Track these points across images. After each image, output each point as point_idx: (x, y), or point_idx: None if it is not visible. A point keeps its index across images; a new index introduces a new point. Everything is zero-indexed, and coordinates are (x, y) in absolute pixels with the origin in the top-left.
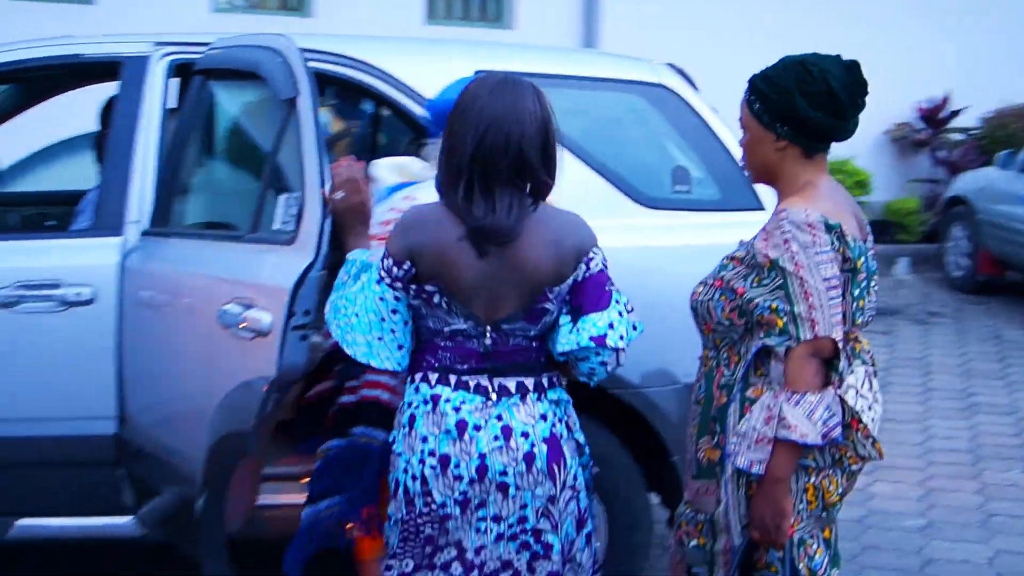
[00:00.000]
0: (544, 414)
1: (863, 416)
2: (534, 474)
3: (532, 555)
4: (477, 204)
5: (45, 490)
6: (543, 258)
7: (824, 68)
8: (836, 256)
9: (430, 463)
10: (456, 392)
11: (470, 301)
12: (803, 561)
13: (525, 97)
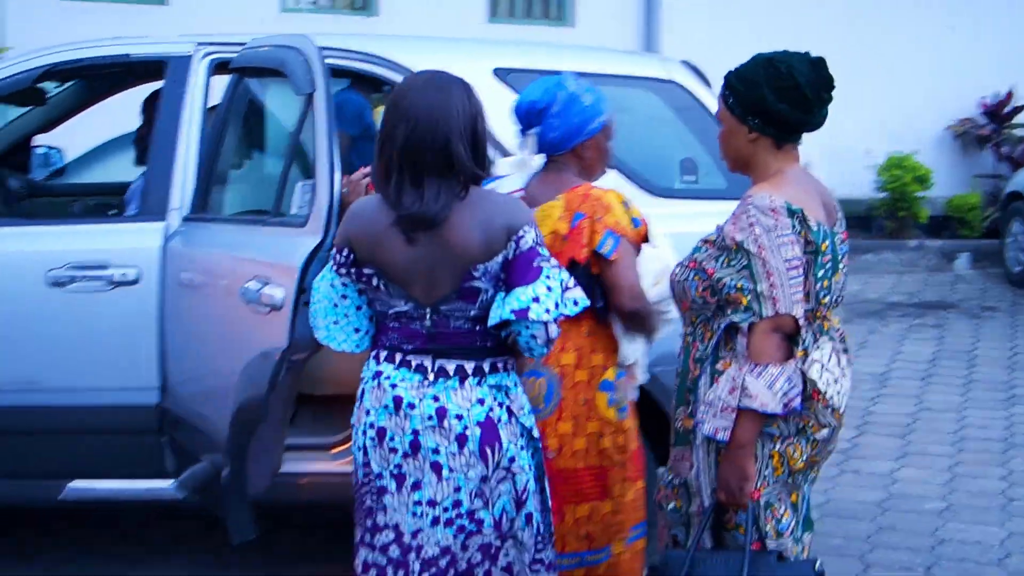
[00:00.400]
0: (482, 398)
1: (824, 388)
2: (466, 455)
3: (467, 534)
4: (407, 194)
5: (94, 455)
6: (471, 239)
7: (791, 64)
8: (798, 239)
9: (370, 435)
10: (397, 370)
11: (407, 284)
12: (770, 523)
13: (453, 93)
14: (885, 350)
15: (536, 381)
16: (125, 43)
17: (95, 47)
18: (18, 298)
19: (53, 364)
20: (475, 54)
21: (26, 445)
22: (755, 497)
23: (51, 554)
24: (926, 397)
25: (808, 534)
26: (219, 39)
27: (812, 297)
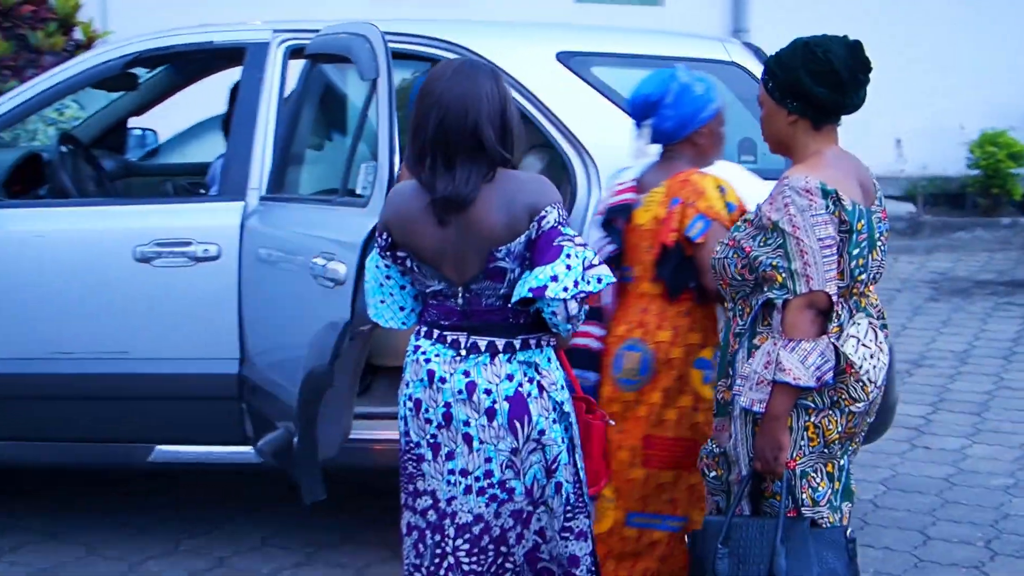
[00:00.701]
0: (511, 374)
1: (860, 362)
2: (495, 428)
3: (499, 503)
4: (440, 177)
5: (179, 421)
6: (495, 219)
7: (828, 48)
8: (832, 219)
9: (408, 406)
10: (433, 345)
11: (439, 264)
12: (806, 492)
13: (483, 81)
14: (969, 328)
15: (632, 354)
16: (208, 31)
17: (180, 35)
18: (108, 272)
19: (141, 335)
20: (538, 38)
21: (117, 411)
22: (791, 467)
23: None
24: (1005, 376)
25: (847, 504)
26: (295, 26)
27: (847, 275)
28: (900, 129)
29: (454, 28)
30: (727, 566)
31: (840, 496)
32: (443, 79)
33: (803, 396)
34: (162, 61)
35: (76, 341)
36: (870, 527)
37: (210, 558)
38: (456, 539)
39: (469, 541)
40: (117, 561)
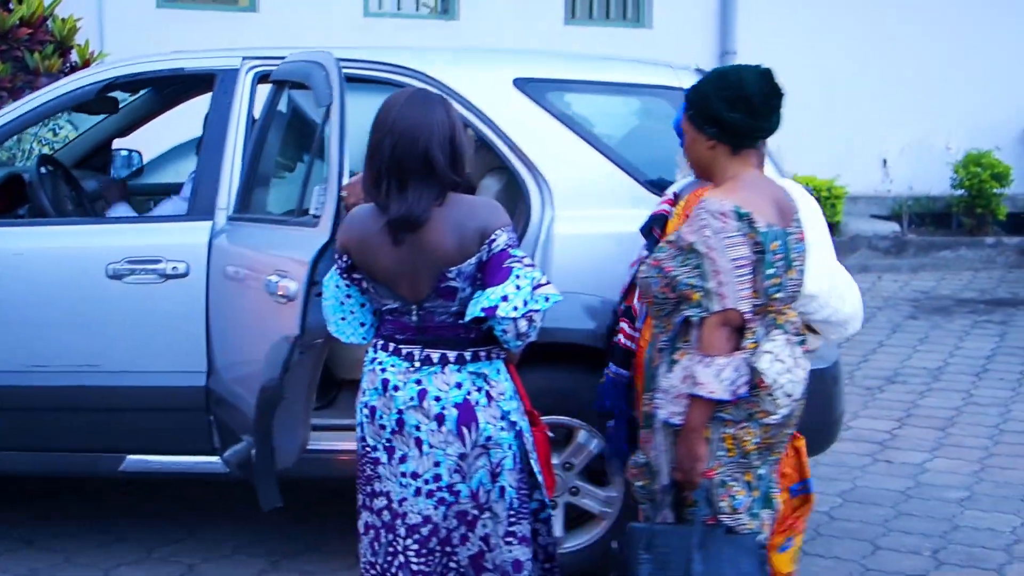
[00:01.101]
0: (460, 383)
1: (774, 377)
2: (443, 433)
3: (447, 505)
4: (394, 199)
5: (149, 432)
6: (447, 241)
7: (740, 76)
8: (745, 240)
9: (364, 412)
10: (389, 357)
11: (394, 284)
12: (725, 500)
13: (433, 109)
14: (945, 346)
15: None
16: (179, 58)
17: (153, 62)
18: (81, 288)
19: (112, 348)
20: (495, 64)
21: (89, 421)
22: (710, 476)
23: (122, 522)
24: (975, 392)
25: (767, 511)
26: (263, 53)
27: (762, 293)
28: (886, 149)
29: (414, 55)
30: (648, 571)
31: (760, 503)
32: (396, 108)
33: (720, 409)
34: (137, 86)
35: (50, 354)
36: (823, 537)
37: (180, 565)
38: (406, 539)
39: (418, 541)
40: (90, 568)
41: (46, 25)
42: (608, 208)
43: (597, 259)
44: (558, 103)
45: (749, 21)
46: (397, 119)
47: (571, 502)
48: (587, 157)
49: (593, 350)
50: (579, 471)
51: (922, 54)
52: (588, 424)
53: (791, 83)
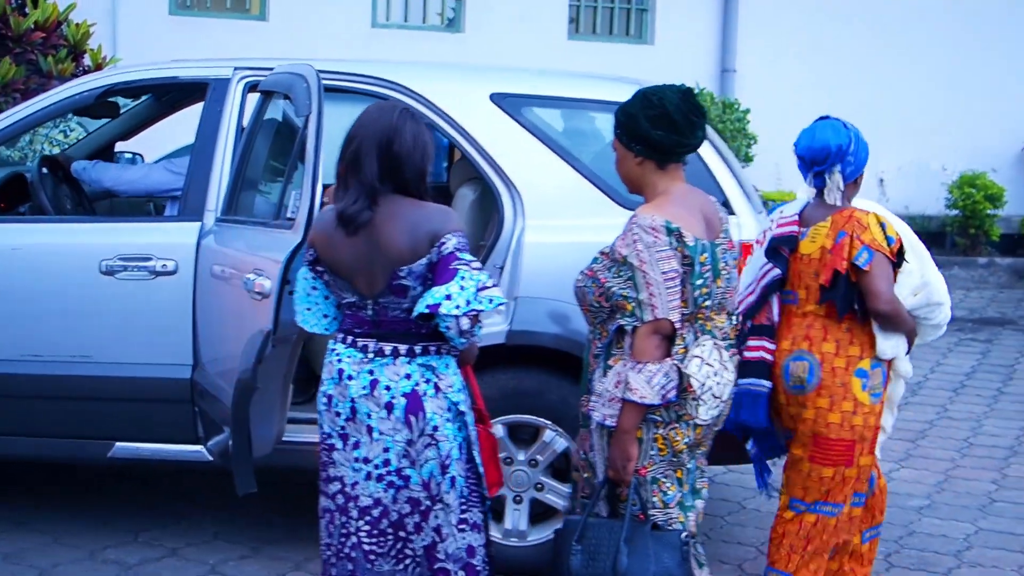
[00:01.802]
0: (409, 374)
1: (703, 380)
2: (392, 421)
3: (396, 489)
4: (341, 198)
5: (137, 421)
6: (399, 242)
7: (662, 95)
8: (675, 253)
9: (322, 401)
10: (346, 348)
11: (352, 278)
12: (657, 495)
13: (385, 116)
14: (927, 362)
15: (800, 364)
16: (175, 67)
17: (150, 70)
18: (76, 283)
19: (104, 340)
20: (474, 80)
21: (81, 409)
22: (642, 474)
23: (110, 506)
24: (950, 407)
25: (699, 500)
26: (253, 64)
27: (691, 302)
28: (883, 168)
29: (397, 69)
30: (579, 562)
31: (689, 496)
32: (362, 115)
33: (651, 411)
34: (136, 92)
35: (45, 345)
36: None
37: (163, 548)
38: (358, 520)
39: (369, 523)
40: (78, 549)
41: (60, 29)
42: (578, 219)
43: (566, 267)
44: (532, 118)
45: (749, 40)
46: (357, 126)
47: (536, 497)
48: (559, 170)
49: (559, 353)
50: (544, 468)
51: (920, 76)
52: (553, 423)
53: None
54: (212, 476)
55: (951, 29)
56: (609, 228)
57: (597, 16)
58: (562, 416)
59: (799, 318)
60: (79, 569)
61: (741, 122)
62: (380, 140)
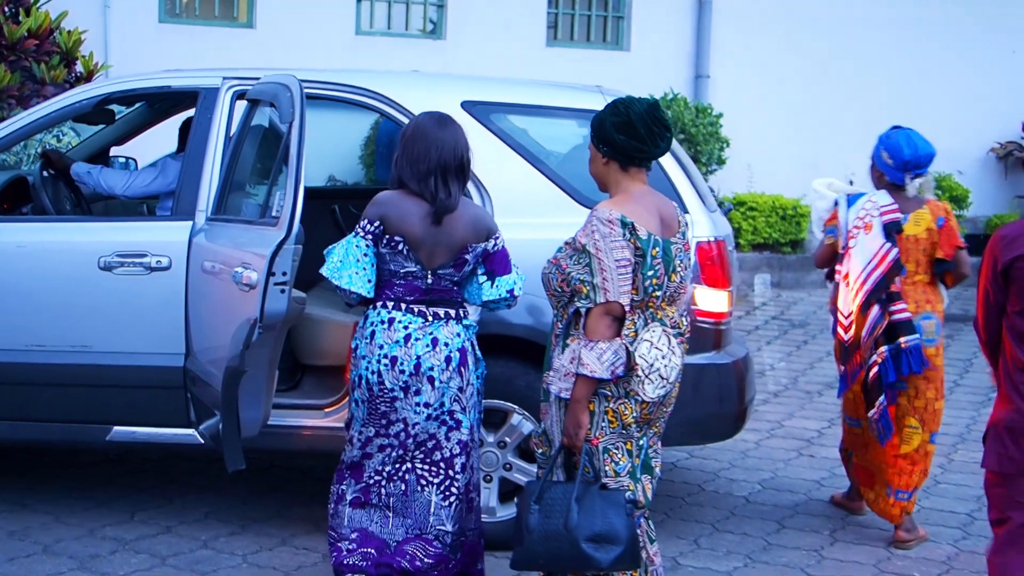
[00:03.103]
0: (459, 333)
1: (650, 362)
2: (450, 371)
3: (448, 428)
4: (441, 191)
5: (133, 406)
6: (467, 229)
7: (629, 106)
8: (628, 244)
9: (384, 362)
10: (405, 315)
11: (419, 251)
12: (608, 464)
13: (460, 130)
14: None
15: (929, 322)
16: (168, 77)
17: (144, 80)
18: (76, 278)
19: (102, 331)
20: (446, 88)
21: (80, 396)
22: (594, 443)
23: (108, 488)
24: None
25: (647, 476)
26: (241, 74)
27: (641, 290)
28: (853, 170)
29: (376, 78)
30: (536, 519)
31: (640, 469)
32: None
33: (602, 386)
34: (130, 100)
35: (48, 335)
36: (735, 518)
37: (158, 526)
38: (416, 450)
39: (424, 452)
40: (79, 527)
41: (53, 37)
42: (541, 217)
43: (530, 262)
44: (500, 124)
45: (722, 47)
46: (439, 135)
47: (505, 476)
48: (524, 172)
49: (526, 343)
50: (512, 449)
51: (889, 81)
52: (520, 408)
53: (761, 105)
54: (202, 462)
55: (917, 35)
56: (571, 226)
57: (575, 23)
58: (529, 401)
59: (910, 286)
60: (80, 545)
61: (714, 126)
62: (457, 152)
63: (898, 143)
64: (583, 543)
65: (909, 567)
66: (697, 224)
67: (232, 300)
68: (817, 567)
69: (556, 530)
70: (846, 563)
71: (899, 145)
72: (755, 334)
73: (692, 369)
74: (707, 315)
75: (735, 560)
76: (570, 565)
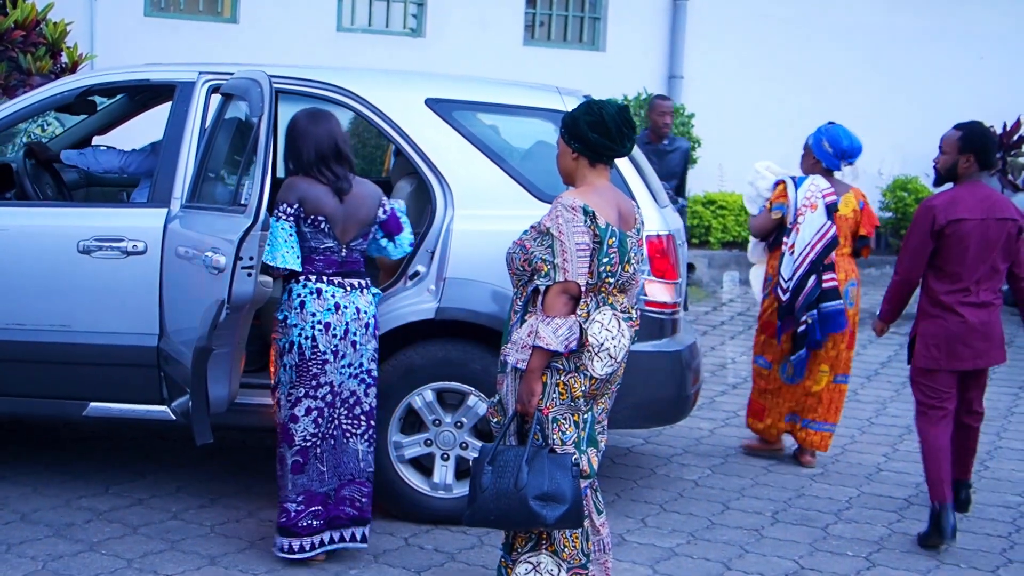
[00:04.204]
0: (371, 301)
1: (601, 340)
2: (367, 336)
3: (367, 385)
4: (329, 175)
5: (109, 383)
6: (369, 205)
7: (601, 106)
8: (588, 231)
9: (319, 328)
10: (329, 287)
11: (335, 227)
12: (556, 433)
13: (333, 121)
14: None
15: (854, 289)
16: (147, 70)
17: (124, 73)
18: (56, 261)
19: (80, 311)
20: (411, 86)
21: (59, 373)
22: (545, 413)
23: (85, 463)
24: (861, 392)
25: (592, 449)
26: (216, 68)
27: (596, 274)
28: None
29: (345, 76)
30: (489, 479)
31: (586, 442)
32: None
33: (555, 360)
34: (111, 93)
35: (28, 315)
36: (683, 499)
37: (131, 499)
38: (341, 408)
39: (347, 408)
40: (55, 498)
41: (39, 28)
42: (500, 210)
43: (488, 252)
44: (463, 120)
45: (695, 48)
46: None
47: (461, 455)
48: (484, 167)
49: (482, 328)
50: (468, 429)
51: (859, 84)
52: (477, 390)
53: (733, 106)
54: (174, 440)
55: (887, 40)
56: (528, 219)
57: (552, 24)
58: (485, 383)
59: (840, 258)
60: (56, 515)
61: (686, 126)
62: (331, 142)
63: (837, 135)
64: (531, 501)
65: (843, 547)
66: (648, 219)
67: (203, 284)
68: (756, 545)
69: (507, 489)
70: (784, 542)
71: (839, 137)
72: (720, 329)
73: (642, 356)
74: (657, 305)
75: (679, 538)
76: (519, 521)
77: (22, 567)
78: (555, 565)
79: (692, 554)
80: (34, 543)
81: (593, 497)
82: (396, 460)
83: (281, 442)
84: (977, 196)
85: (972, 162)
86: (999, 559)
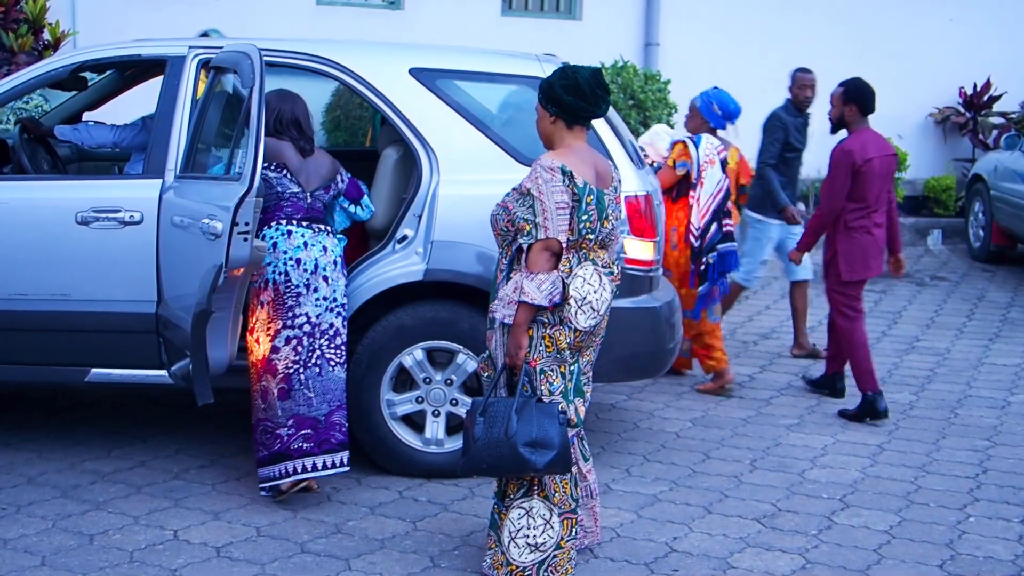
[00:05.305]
0: (337, 242)
1: (583, 295)
2: (337, 272)
3: (343, 318)
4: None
5: (109, 350)
6: (330, 166)
7: (576, 71)
8: (566, 190)
9: (290, 264)
10: (298, 229)
11: (299, 176)
12: (544, 385)
13: (297, 100)
14: (822, 311)
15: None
16: (138, 46)
17: (115, 48)
18: (55, 232)
19: (80, 281)
20: (395, 56)
21: (61, 340)
22: (532, 365)
23: (88, 428)
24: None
25: (579, 399)
26: (206, 43)
27: (576, 231)
28: None
29: (331, 47)
30: (481, 429)
31: (572, 392)
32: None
33: (540, 314)
34: (102, 68)
35: (29, 285)
36: (665, 450)
37: (133, 461)
38: (321, 339)
39: (327, 339)
40: (60, 462)
41: (20, 5)
42: (483, 174)
43: (473, 215)
44: (446, 88)
45: (671, 16)
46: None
47: (451, 411)
48: (468, 134)
49: (469, 288)
50: (458, 386)
51: (832, 50)
52: (465, 348)
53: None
54: (174, 407)
55: (860, 5)
56: (510, 182)
57: None
58: (473, 341)
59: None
60: (62, 477)
61: (662, 92)
62: (294, 116)
63: (725, 98)
64: (521, 447)
65: (818, 490)
66: (626, 180)
67: (200, 251)
68: (735, 490)
69: (498, 438)
70: (761, 487)
71: (726, 99)
72: None
73: (623, 312)
74: (636, 263)
75: (661, 485)
76: (510, 468)
77: (32, 525)
78: (547, 510)
79: (675, 500)
80: (42, 503)
81: (580, 445)
82: (389, 417)
83: (264, 375)
84: (874, 139)
85: (855, 111)
86: (967, 498)
